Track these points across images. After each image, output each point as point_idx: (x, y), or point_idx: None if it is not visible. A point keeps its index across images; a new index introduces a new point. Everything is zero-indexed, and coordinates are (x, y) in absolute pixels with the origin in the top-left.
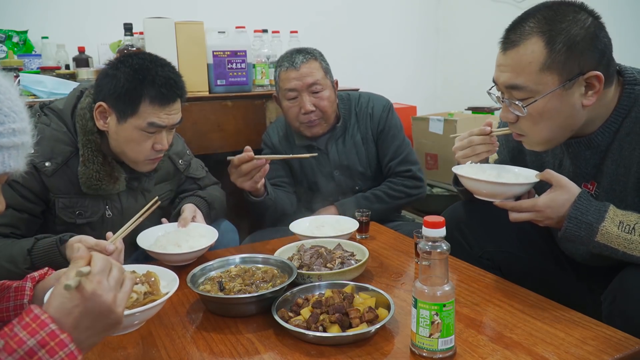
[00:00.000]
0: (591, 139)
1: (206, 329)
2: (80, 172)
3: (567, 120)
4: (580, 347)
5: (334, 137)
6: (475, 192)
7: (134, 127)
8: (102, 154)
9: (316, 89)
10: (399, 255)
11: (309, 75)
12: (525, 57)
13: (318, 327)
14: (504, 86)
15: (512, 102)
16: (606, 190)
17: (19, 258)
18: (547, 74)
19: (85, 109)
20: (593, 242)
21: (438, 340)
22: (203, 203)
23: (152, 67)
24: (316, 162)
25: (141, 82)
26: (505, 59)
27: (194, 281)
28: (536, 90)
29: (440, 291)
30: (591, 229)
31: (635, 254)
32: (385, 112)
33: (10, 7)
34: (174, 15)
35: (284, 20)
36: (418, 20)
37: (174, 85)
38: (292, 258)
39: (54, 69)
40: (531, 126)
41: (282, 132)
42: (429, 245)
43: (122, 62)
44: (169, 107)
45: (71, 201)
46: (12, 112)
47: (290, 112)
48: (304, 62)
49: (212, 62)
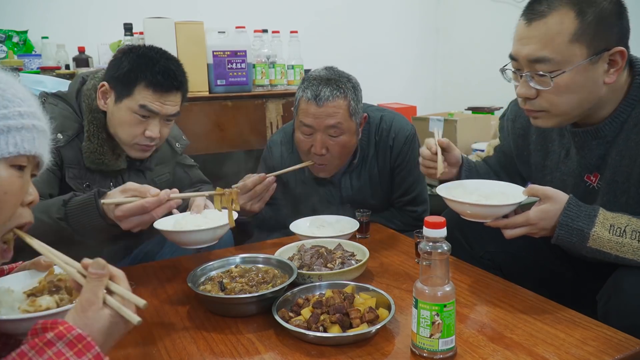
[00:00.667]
0: (599, 128)
1: (206, 329)
2: (84, 147)
3: (588, 96)
4: (580, 347)
5: (349, 171)
6: (463, 215)
7: (127, 108)
8: (105, 131)
9: (335, 132)
10: (399, 255)
11: (331, 117)
12: (554, 28)
13: (318, 327)
14: (527, 59)
15: (534, 76)
16: (608, 181)
17: (53, 208)
18: (576, 45)
19: (91, 89)
20: (586, 247)
21: (439, 341)
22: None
23: (156, 56)
24: (325, 193)
25: (141, 66)
26: (530, 31)
27: (194, 281)
28: (563, 62)
29: (441, 291)
30: (582, 235)
31: (628, 257)
32: (407, 145)
33: (10, 7)
34: (174, 15)
35: (284, 20)
36: (418, 20)
37: (172, 76)
38: (293, 258)
39: (54, 69)
40: (554, 100)
41: (289, 154)
42: (430, 245)
43: (131, 49)
44: (164, 96)
45: (80, 172)
46: (17, 98)
47: (301, 145)
48: (328, 100)
49: (212, 62)
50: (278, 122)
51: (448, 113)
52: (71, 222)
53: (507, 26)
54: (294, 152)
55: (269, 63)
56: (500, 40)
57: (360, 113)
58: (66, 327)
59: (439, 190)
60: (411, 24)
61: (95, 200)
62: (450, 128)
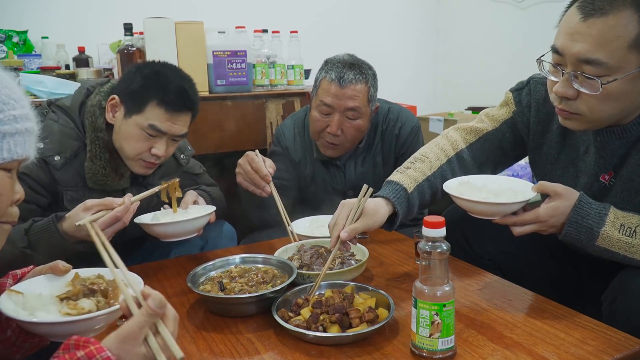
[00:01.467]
0: (626, 129)
1: (206, 329)
2: (87, 168)
3: (629, 106)
4: (580, 347)
5: (355, 155)
6: (470, 212)
7: (135, 124)
8: (108, 151)
9: (352, 116)
10: (399, 255)
11: (351, 99)
12: (614, 30)
13: (318, 327)
14: (576, 57)
15: (579, 76)
16: (624, 180)
17: (16, 237)
18: (633, 52)
19: (95, 106)
20: (593, 246)
21: (438, 340)
22: (205, 195)
23: (170, 74)
24: (330, 178)
25: (154, 84)
26: (585, 28)
27: (194, 281)
28: (616, 69)
29: (440, 291)
30: (591, 233)
31: (636, 257)
32: (412, 135)
33: (10, 7)
34: (174, 15)
35: (284, 20)
36: (418, 20)
37: (184, 96)
38: (292, 258)
39: (54, 69)
40: (596, 106)
41: (300, 137)
42: (429, 245)
43: (145, 65)
44: (175, 116)
45: (78, 194)
46: (11, 100)
47: (315, 125)
48: (351, 83)
49: (212, 62)
50: (278, 122)
51: (448, 113)
52: (36, 249)
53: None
54: (305, 136)
55: (269, 63)
56: (500, 40)
57: (376, 101)
58: (97, 347)
59: (446, 188)
60: (411, 24)
61: (54, 224)
62: None
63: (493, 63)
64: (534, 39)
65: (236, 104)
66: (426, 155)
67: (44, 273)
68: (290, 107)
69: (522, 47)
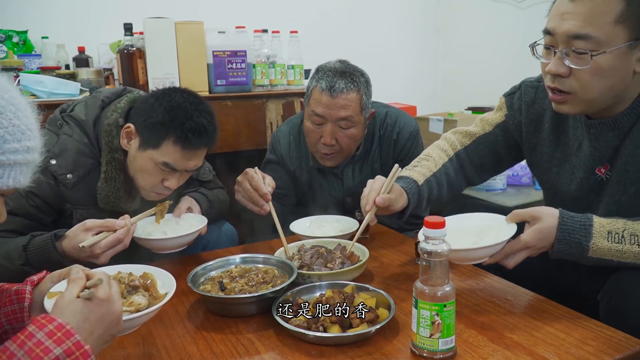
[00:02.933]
0: (617, 119)
1: (206, 329)
2: (100, 188)
3: (619, 83)
4: (580, 347)
5: (352, 162)
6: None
7: (150, 159)
8: (123, 173)
9: (345, 125)
10: (399, 255)
11: (343, 108)
12: (600, 6)
13: (318, 327)
14: (567, 35)
15: (571, 52)
16: (620, 171)
17: (14, 254)
18: (619, 27)
19: (112, 125)
20: (587, 257)
21: (438, 341)
22: (203, 199)
23: (191, 109)
24: (328, 186)
25: (172, 120)
26: (574, 6)
27: (194, 281)
28: (604, 43)
29: (440, 291)
30: (582, 247)
31: (630, 261)
32: (410, 140)
33: (10, 7)
34: (174, 15)
35: (284, 20)
36: (418, 20)
37: (203, 134)
38: (293, 258)
39: (54, 69)
40: (587, 81)
41: (296, 144)
42: (430, 245)
43: (165, 94)
44: (191, 153)
45: (89, 213)
46: (28, 130)
47: (310, 136)
48: (342, 92)
49: (212, 62)
50: (278, 122)
51: (448, 113)
52: (34, 266)
53: (507, 26)
54: (301, 143)
55: (269, 63)
56: (500, 40)
57: (369, 108)
58: (48, 319)
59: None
60: (411, 24)
61: (53, 243)
62: (450, 128)
63: (493, 63)
64: (534, 39)
65: (236, 104)
66: (430, 155)
67: (63, 277)
68: (290, 107)
69: (522, 47)
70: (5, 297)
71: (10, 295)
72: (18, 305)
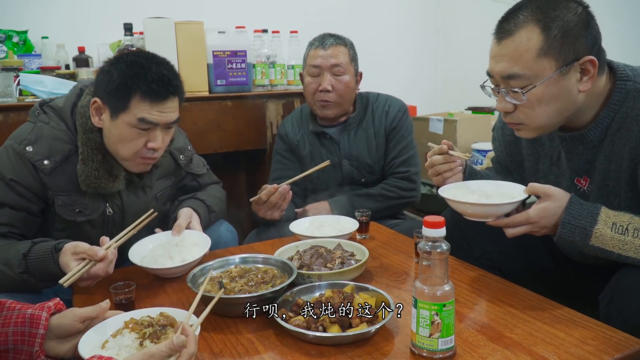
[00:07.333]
0: (584, 134)
1: (206, 329)
2: (79, 171)
3: (565, 105)
4: (580, 347)
5: (347, 127)
6: (464, 214)
7: (125, 124)
8: (101, 153)
9: (338, 72)
10: (399, 255)
11: (334, 57)
12: (522, 45)
13: (318, 327)
14: (500, 76)
15: (509, 91)
16: (599, 185)
17: (14, 261)
18: (544, 60)
19: (85, 107)
20: (588, 245)
21: (438, 340)
22: (202, 206)
23: (147, 63)
24: (326, 151)
25: (132, 77)
26: (500, 49)
27: (194, 281)
28: (534, 77)
29: (440, 291)
30: (585, 233)
31: (630, 255)
32: (400, 113)
33: (10, 7)
34: (174, 15)
35: (284, 20)
36: (418, 20)
37: (167, 82)
38: (292, 258)
39: (54, 69)
40: (529, 113)
41: (296, 120)
42: (429, 245)
43: (118, 59)
44: (161, 104)
45: (71, 199)
46: None
47: (309, 88)
48: (333, 45)
49: (212, 62)
50: (278, 122)
51: (448, 113)
52: (33, 274)
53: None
54: (302, 119)
55: (269, 63)
56: None
57: (357, 67)
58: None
59: (440, 192)
60: (411, 24)
61: (53, 256)
62: (450, 128)
63: None
64: None
65: (236, 104)
66: None
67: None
68: (290, 107)
69: None
70: (18, 316)
71: (24, 317)
72: (30, 329)
